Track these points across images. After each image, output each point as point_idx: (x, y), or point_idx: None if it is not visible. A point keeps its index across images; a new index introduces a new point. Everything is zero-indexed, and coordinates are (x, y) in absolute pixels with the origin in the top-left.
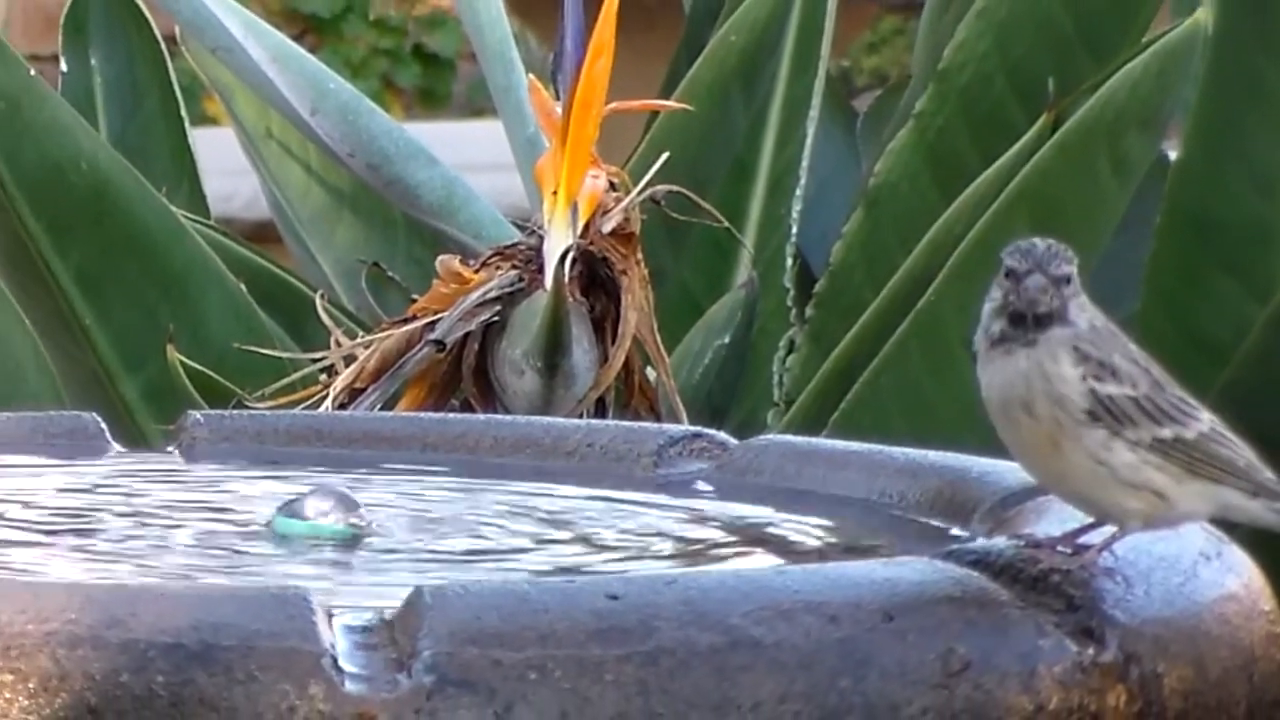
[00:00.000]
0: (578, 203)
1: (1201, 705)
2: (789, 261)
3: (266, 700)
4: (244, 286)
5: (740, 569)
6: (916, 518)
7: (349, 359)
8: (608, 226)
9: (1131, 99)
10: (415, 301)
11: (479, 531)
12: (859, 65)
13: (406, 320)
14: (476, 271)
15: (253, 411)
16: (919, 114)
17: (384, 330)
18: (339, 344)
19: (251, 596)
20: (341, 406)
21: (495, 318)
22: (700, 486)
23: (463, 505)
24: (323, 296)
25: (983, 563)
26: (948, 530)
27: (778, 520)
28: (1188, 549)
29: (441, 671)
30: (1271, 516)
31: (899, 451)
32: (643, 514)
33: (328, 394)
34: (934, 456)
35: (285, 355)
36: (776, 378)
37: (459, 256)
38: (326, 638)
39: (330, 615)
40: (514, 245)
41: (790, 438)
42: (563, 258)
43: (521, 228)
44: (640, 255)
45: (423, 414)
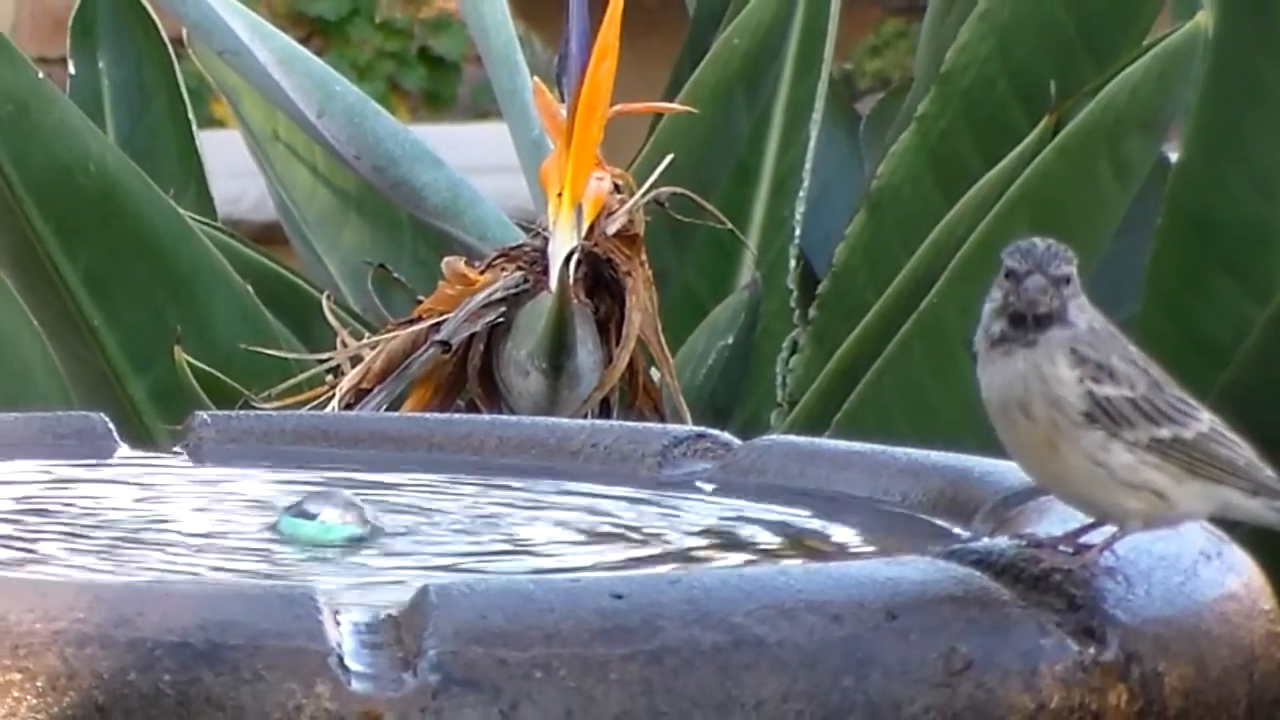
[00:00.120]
0: (582, 204)
1: (1202, 704)
2: (792, 263)
3: (273, 699)
4: (251, 288)
5: (743, 568)
6: (919, 517)
7: (355, 360)
8: (612, 228)
9: (1132, 102)
10: (421, 303)
11: (484, 531)
12: (862, 68)
13: (412, 321)
14: (482, 273)
15: (259, 412)
16: (921, 116)
17: (390, 331)
18: (345, 345)
19: (258, 596)
20: (348, 407)
21: (500, 319)
22: (704, 486)
23: (468, 505)
24: (329, 298)
25: (985, 562)
26: (950, 530)
27: (781, 520)
28: (1188, 548)
29: (447, 670)
30: (1272, 515)
31: (901, 452)
32: (646, 514)
33: (334, 394)
34: (936, 457)
35: (292, 356)
36: (780, 378)
37: (464, 258)
38: (333, 637)
39: (336, 614)
40: (519, 247)
41: (793, 438)
42: (567, 259)
43: (526, 229)
44: (644, 257)
45: (428, 414)
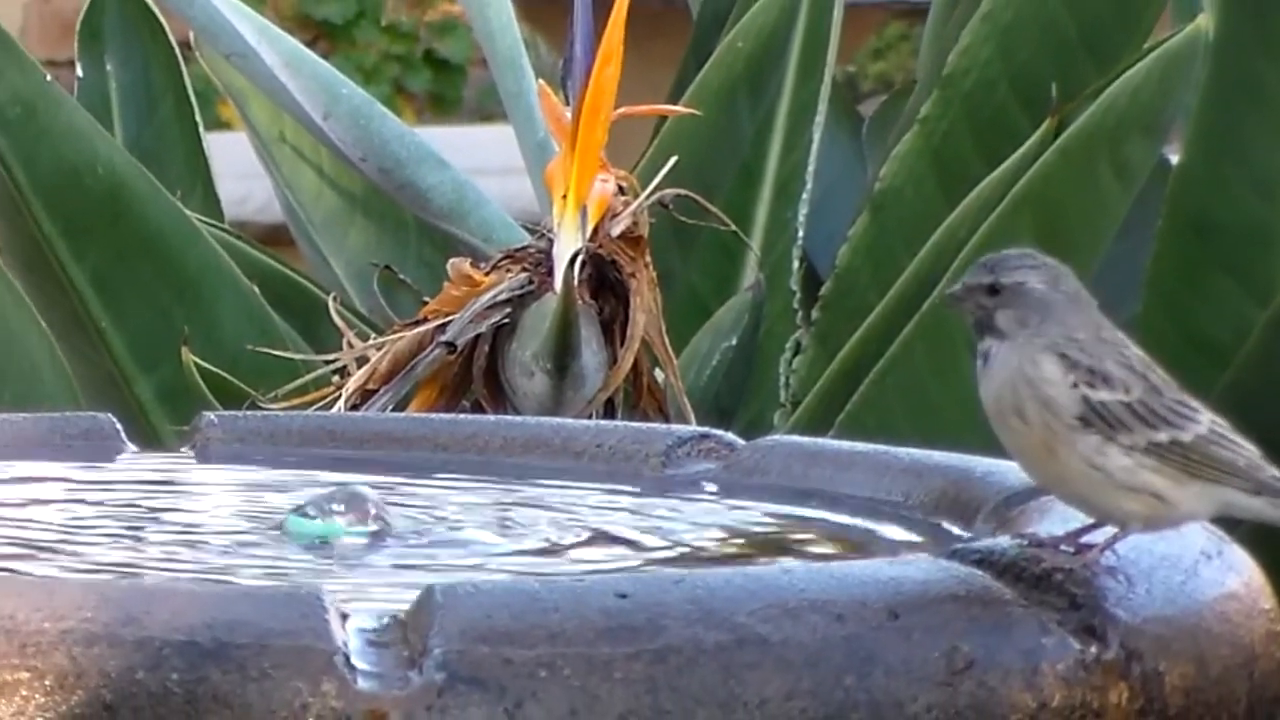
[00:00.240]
0: (587, 206)
1: (1202, 702)
2: (795, 264)
3: (280, 697)
4: (257, 289)
5: (747, 568)
6: (921, 517)
7: (361, 361)
8: (616, 230)
9: (1133, 104)
10: (426, 304)
11: (489, 531)
12: (864, 71)
13: (418, 322)
14: (487, 274)
15: (266, 412)
16: (923, 119)
17: (396, 332)
18: (351, 346)
19: (265, 595)
20: (354, 407)
21: (505, 320)
22: (708, 486)
23: (473, 505)
24: (335, 299)
25: (987, 562)
26: (952, 530)
27: (784, 520)
28: (1189, 548)
29: (452, 669)
30: (1274, 513)
31: (904, 452)
32: (651, 513)
33: (340, 395)
34: (938, 457)
35: (298, 357)
36: (783, 379)
37: (470, 259)
38: (339, 636)
39: (343, 614)
40: (524, 248)
41: (797, 438)
42: (572, 260)
43: (531, 231)
44: (648, 258)
45: (434, 415)
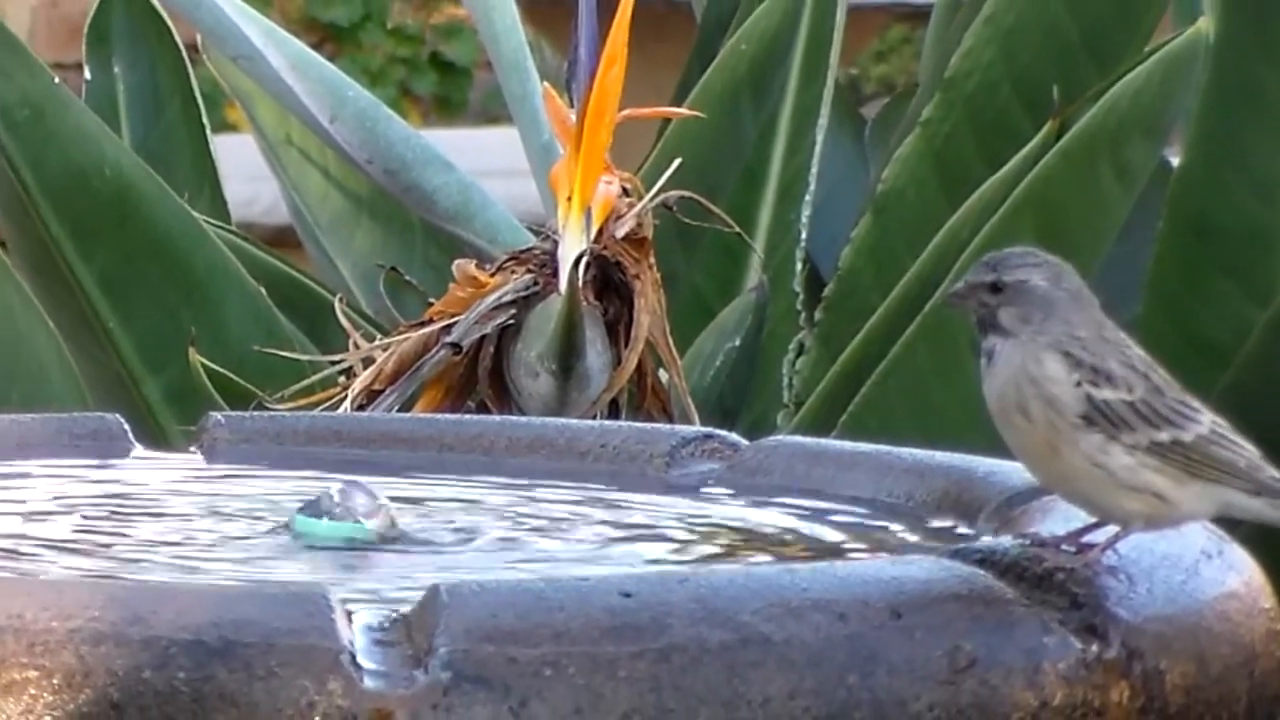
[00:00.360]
0: (591, 208)
1: (1203, 701)
2: (798, 266)
3: (286, 696)
4: (264, 290)
5: (750, 567)
6: (924, 517)
7: (367, 361)
8: (621, 231)
9: (1134, 107)
10: (432, 305)
11: (494, 531)
12: (867, 73)
13: (423, 323)
14: (492, 275)
15: (272, 413)
16: (926, 121)
17: (401, 333)
18: (357, 347)
19: (271, 594)
20: (360, 408)
21: (510, 321)
22: (711, 486)
23: (478, 505)
24: (341, 300)
25: (989, 561)
26: (954, 529)
27: (787, 520)
28: (1189, 547)
29: (458, 668)
30: (1274, 514)
31: (906, 452)
32: (655, 513)
33: (346, 396)
34: (941, 457)
35: (304, 358)
36: (786, 380)
37: (475, 261)
38: (345, 635)
39: (349, 613)
40: (529, 250)
41: (800, 439)
42: (577, 262)
43: (536, 232)
44: (652, 259)
45: (439, 415)
